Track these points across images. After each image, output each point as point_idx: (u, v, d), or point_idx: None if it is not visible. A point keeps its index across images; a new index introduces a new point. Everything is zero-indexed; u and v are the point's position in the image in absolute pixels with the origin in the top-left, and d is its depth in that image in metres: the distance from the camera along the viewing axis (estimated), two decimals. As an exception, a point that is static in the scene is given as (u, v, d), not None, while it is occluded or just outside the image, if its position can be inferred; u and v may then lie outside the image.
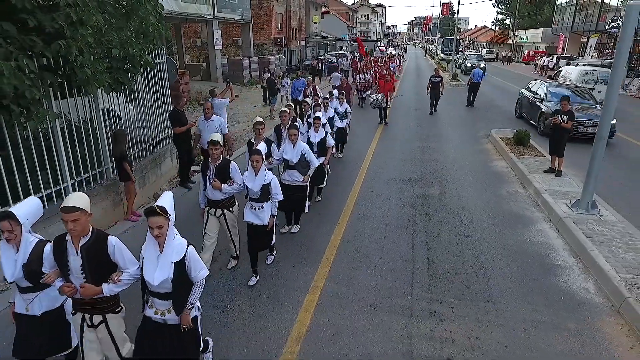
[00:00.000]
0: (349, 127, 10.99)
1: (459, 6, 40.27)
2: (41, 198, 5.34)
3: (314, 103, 7.86)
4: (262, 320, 4.15)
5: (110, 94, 6.41)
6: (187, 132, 7.48)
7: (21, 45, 4.30)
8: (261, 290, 4.62)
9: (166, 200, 2.83)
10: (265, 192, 4.44)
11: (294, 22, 36.28)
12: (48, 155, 5.43)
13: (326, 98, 8.39)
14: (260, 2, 29.92)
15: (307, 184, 5.70)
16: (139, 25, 6.32)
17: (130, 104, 7.61)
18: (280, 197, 4.59)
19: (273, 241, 4.86)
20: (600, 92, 15.29)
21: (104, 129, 6.53)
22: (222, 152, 4.65)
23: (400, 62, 35.62)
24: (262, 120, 5.57)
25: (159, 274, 2.74)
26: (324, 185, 6.99)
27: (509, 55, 51.91)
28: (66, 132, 5.72)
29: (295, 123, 5.81)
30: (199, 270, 2.89)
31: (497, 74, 33.74)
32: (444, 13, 64.38)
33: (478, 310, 4.30)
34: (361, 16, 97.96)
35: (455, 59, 35.06)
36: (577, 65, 22.78)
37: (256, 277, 4.76)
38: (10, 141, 4.90)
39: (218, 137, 4.44)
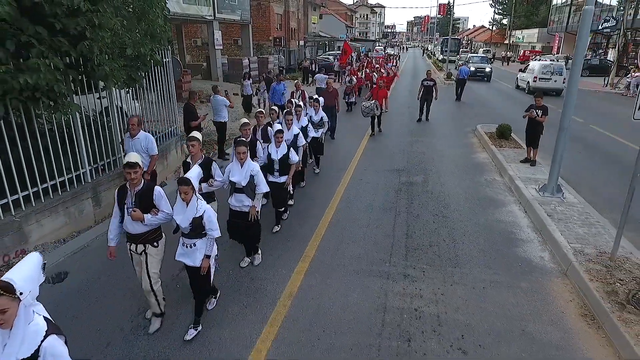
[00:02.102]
0: (332, 136, 11.22)
1: (453, 5, 40.87)
2: (63, 182, 6.05)
3: (285, 110, 7.15)
4: (260, 281, 4.83)
5: (118, 91, 7.11)
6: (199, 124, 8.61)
7: (50, 45, 4.98)
8: (261, 257, 5.29)
9: (21, 269, 2.08)
10: (197, 227, 3.72)
11: (293, 22, 36.95)
12: (69, 144, 6.11)
13: (299, 106, 7.52)
14: (259, 3, 30.61)
15: (257, 215, 4.91)
16: (147, 28, 7.00)
17: (136, 101, 8.30)
18: (217, 234, 3.83)
19: (211, 283, 4.07)
20: (555, 81, 21.10)
21: (117, 122, 7.21)
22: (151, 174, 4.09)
23: (396, 63, 35.99)
24: (195, 135, 4.78)
25: None
26: (284, 209, 6.27)
27: (508, 55, 52.57)
28: (85, 124, 6.41)
29: (242, 139, 4.93)
30: None
31: (494, 75, 34.29)
32: (441, 13, 65.01)
33: (445, 274, 4.99)
34: (360, 16, 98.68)
35: (456, 60, 34.89)
36: (539, 60, 27.69)
37: (195, 329, 3.95)
38: (38, 132, 5.59)
39: (135, 157, 3.69)
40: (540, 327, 4.07)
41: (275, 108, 7.52)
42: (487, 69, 28.42)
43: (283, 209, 6.25)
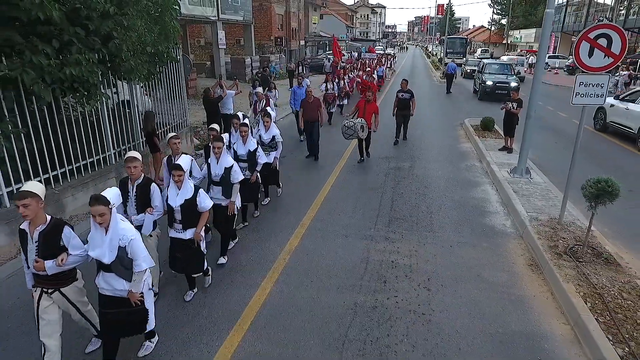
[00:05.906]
0: (316, 157, 9.48)
1: (449, 5, 41.70)
2: (92, 163, 6.98)
3: (214, 137, 5.07)
4: (264, 241, 5.74)
5: (133, 87, 8.03)
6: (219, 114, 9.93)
7: (86, 44, 5.90)
8: (262, 226, 6.21)
9: (108, 192, 3.07)
10: None
11: (294, 22, 37.88)
12: (97, 131, 7.02)
13: (245, 124, 5.87)
14: (261, 4, 31.54)
15: (142, 299, 3.32)
16: (160, 29, 7.91)
17: (146, 96, 9.22)
18: None
19: None
20: (518, 70, 27.43)
21: (137, 112, 8.14)
22: None
23: (392, 64, 36.07)
24: (30, 190, 2.98)
25: None
26: (200, 274, 4.40)
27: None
28: (110, 113, 7.33)
29: (102, 194, 3.06)
30: None
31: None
32: (439, 13, 65.92)
33: (420, 237, 5.89)
34: (361, 16, 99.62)
35: (462, 65, 32.66)
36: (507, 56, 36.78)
37: None
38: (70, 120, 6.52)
39: None
40: (493, 273, 4.97)
41: (215, 126, 5.80)
42: (513, 84, 17.67)
43: (196, 275, 4.38)
